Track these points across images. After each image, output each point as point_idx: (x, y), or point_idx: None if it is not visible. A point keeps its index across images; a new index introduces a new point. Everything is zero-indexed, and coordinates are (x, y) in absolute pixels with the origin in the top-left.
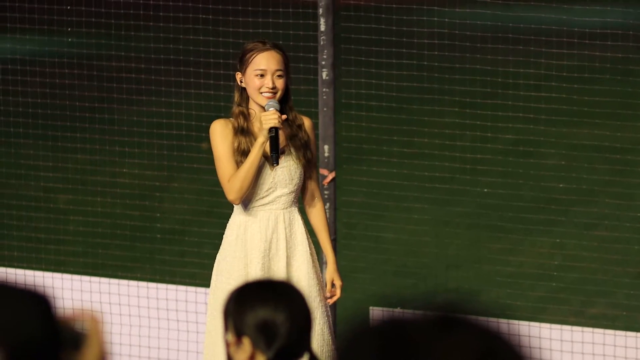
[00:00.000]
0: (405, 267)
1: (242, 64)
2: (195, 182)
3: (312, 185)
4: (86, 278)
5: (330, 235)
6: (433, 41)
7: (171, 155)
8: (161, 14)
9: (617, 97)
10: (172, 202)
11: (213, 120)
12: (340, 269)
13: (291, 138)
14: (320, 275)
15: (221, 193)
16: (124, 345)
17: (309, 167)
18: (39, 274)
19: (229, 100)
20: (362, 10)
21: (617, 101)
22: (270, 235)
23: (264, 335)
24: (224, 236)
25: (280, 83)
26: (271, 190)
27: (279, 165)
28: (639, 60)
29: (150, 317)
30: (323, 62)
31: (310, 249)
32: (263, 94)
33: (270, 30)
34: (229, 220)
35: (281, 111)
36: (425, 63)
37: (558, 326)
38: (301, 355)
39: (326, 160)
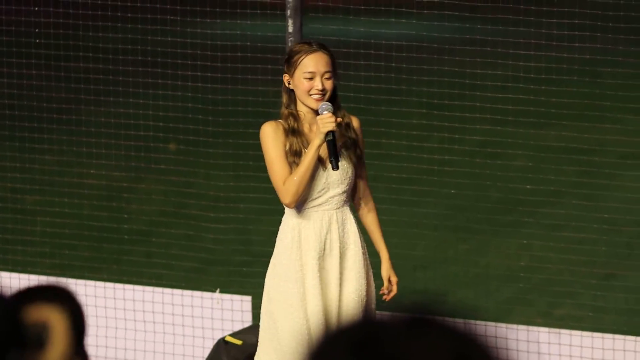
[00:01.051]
0: (373, 267)
1: (289, 66)
2: (162, 183)
3: (362, 185)
4: (53, 279)
5: None
6: (400, 42)
7: (138, 156)
8: (129, 15)
9: (584, 98)
10: (139, 203)
11: (179, 120)
12: None
13: (341, 138)
14: (371, 274)
15: (188, 194)
16: (90, 346)
17: (359, 166)
18: (5, 275)
19: (196, 101)
20: (330, 11)
21: (584, 102)
22: (324, 237)
23: None
24: (277, 239)
25: (329, 84)
26: (324, 191)
27: (330, 166)
28: (606, 61)
29: (117, 317)
30: None
31: (362, 249)
32: (312, 96)
33: (238, 32)
34: (281, 223)
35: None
36: (393, 64)
37: (525, 327)
38: None
39: None
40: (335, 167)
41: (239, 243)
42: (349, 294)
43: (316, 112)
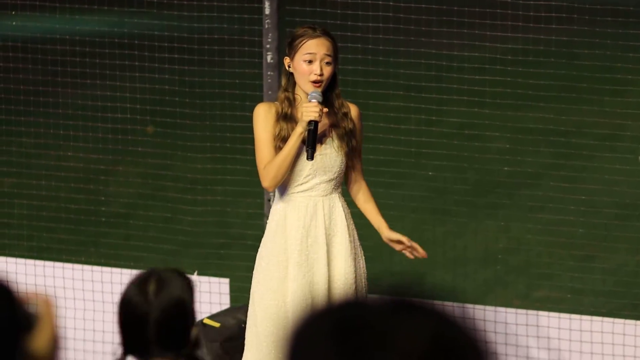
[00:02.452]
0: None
1: (291, 48)
2: (140, 166)
3: (355, 175)
4: (31, 262)
5: None
6: (378, 25)
7: (116, 138)
8: None
9: (562, 80)
10: (116, 185)
11: (156, 103)
12: None
13: (335, 126)
14: (362, 261)
15: (166, 176)
16: (68, 328)
17: (353, 156)
18: None
19: (173, 84)
20: None
21: (562, 84)
22: (308, 222)
23: None
24: (267, 221)
25: (327, 70)
26: (310, 177)
27: (320, 153)
28: (583, 43)
29: (95, 300)
30: (268, 46)
31: (350, 236)
32: (310, 81)
33: (215, 14)
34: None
35: (328, 99)
36: (370, 46)
37: (503, 309)
38: None
39: None
40: (310, 157)
41: (217, 225)
42: (335, 281)
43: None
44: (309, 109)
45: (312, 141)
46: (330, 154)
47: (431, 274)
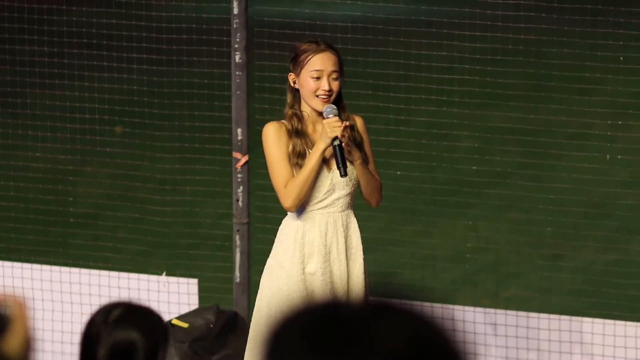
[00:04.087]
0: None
1: (296, 65)
2: (108, 166)
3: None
4: None
5: (243, 218)
6: (346, 24)
7: (84, 139)
8: None
9: (530, 79)
10: (85, 186)
11: (125, 103)
12: (254, 252)
13: (348, 142)
14: (368, 278)
15: (134, 177)
16: (37, 329)
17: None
18: None
19: (142, 84)
20: None
21: (530, 83)
22: (330, 240)
23: None
24: (276, 240)
25: (335, 85)
26: (329, 193)
27: (335, 168)
28: (551, 42)
29: (64, 301)
30: (236, 45)
31: (363, 253)
32: (319, 97)
33: (183, 14)
34: (281, 223)
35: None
36: (339, 46)
37: (471, 308)
38: None
39: (239, 143)
40: (344, 174)
41: (185, 226)
42: (352, 296)
43: (320, 113)
44: (332, 125)
45: (342, 157)
46: (348, 171)
47: (400, 273)
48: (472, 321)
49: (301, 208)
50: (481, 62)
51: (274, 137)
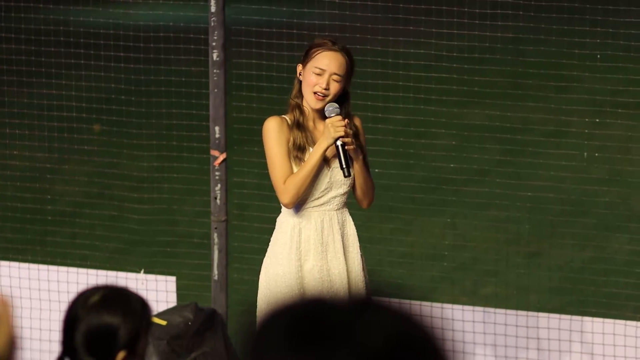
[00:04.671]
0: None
1: (305, 57)
2: (86, 164)
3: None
4: None
5: (221, 216)
6: (323, 22)
7: (62, 137)
8: None
9: (507, 77)
10: (63, 184)
11: (103, 101)
12: (232, 250)
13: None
14: (367, 277)
15: (112, 175)
16: (15, 327)
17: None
18: None
19: (119, 82)
20: None
21: (508, 81)
22: (326, 238)
23: None
24: (272, 239)
25: (334, 87)
26: (327, 190)
27: (334, 166)
28: (529, 40)
29: (42, 299)
30: (214, 44)
31: (360, 251)
32: (315, 94)
33: (161, 12)
34: (277, 220)
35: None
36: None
37: (449, 306)
38: None
39: (217, 141)
40: (348, 174)
41: (164, 223)
42: (352, 292)
43: (317, 111)
44: (336, 125)
45: (345, 157)
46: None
47: (378, 271)
48: (450, 318)
49: (298, 205)
50: (459, 60)
51: (275, 131)
